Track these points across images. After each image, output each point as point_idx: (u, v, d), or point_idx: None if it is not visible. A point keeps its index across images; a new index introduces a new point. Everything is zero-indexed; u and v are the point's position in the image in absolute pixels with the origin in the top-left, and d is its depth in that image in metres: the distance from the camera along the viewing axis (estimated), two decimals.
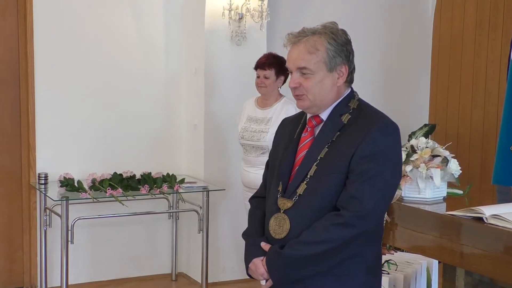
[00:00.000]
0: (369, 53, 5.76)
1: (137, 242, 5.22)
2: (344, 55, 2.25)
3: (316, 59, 2.22)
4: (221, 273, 5.15)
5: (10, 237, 4.91)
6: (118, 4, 5.03)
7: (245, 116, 4.41)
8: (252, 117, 4.36)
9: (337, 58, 2.23)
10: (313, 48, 2.22)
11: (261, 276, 2.29)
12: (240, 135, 4.37)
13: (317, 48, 2.21)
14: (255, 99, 4.46)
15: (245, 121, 4.39)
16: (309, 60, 2.22)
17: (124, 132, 5.12)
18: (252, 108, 4.42)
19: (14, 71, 4.83)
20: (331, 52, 2.22)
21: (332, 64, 2.23)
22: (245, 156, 4.35)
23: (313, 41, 2.22)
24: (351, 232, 2.14)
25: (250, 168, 4.28)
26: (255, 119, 4.34)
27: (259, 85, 4.31)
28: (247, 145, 4.31)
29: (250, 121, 4.35)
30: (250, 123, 4.34)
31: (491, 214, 2.37)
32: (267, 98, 4.33)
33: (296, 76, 2.26)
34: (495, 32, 5.49)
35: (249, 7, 4.90)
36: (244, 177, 4.34)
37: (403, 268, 3.07)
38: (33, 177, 4.82)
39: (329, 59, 2.22)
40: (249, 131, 4.30)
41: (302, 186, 2.23)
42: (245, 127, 4.34)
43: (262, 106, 4.37)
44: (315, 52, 2.21)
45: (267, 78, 4.26)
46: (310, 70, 2.22)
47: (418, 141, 2.89)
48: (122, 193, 4.46)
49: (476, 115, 5.66)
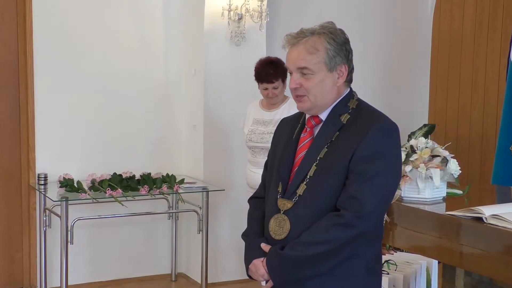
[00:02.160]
0: (369, 53, 5.76)
1: (137, 243, 5.22)
2: (344, 54, 2.25)
3: (317, 59, 2.22)
4: (221, 274, 5.15)
5: (9, 237, 4.91)
6: (117, 5, 5.04)
7: (251, 119, 4.39)
8: (259, 119, 4.34)
9: (337, 57, 2.23)
10: (313, 49, 2.21)
11: (261, 277, 2.29)
12: (248, 137, 4.34)
13: (317, 48, 2.21)
14: (259, 102, 4.44)
15: (252, 124, 4.36)
16: (310, 60, 2.22)
17: (124, 132, 5.12)
18: (258, 110, 4.40)
19: (13, 72, 4.83)
20: (331, 52, 2.22)
21: (332, 64, 2.23)
22: (253, 158, 4.34)
23: (312, 42, 2.22)
24: (351, 233, 2.14)
25: (258, 169, 4.24)
26: (262, 121, 4.34)
27: (269, 96, 4.27)
28: (255, 147, 4.30)
29: (257, 123, 4.33)
30: (257, 126, 4.32)
31: (490, 214, 2.37)
32: (274, 101, 4.32)
33: (296, 76, 2.26)
34: (495, 32, 5.49)
35: (248, 7, 4.90)
36: (251, 178, 4.33)
37: (402, 268, 3.06)
38: (33, 177, 4.82)
39: (329, 59, 2.22)
40: (257, 134, 4.29)
41: (302, 186, 2.23)
42: (252, 130, 4.32)
43: (268, 108, 4.35)
44: (315, 53, 2.21)
45: (276, 88, 4.23)
46: (311, 71, 2.22)
47: (418, 141, 2.89)
48: (122, 193, 4.46)
49: (475, 115, 5.66)
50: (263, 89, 4.29)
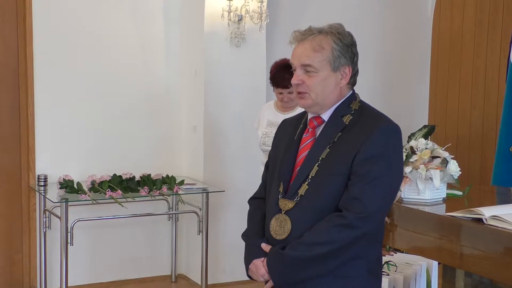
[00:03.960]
0: (369, 53, 5.75)
1: (137, 244, 5.22)
2: (349, 56, 2.26)
3: (321, 58, 2.22)
4: (221, 275, 5.15)
5: (9, 239, 4.91)
6: (117, 6, 5.04)
7: (265, 122, 4.36)
8: (273, 122, 4.27)
9: (342, 58, 2.24)
10: (318, 47, 2.22)
11: (261, 277, 2.29)
12: (262, 141, 4.31)
13: (323, 46, 2.22)
14: (273, 103, 4.42)
15: (266, 126, 4.33)
16: (314, 58, 2.22)
17: (124, 133, 5.11)
18: (272, 112, 4.36)
19: (13, 73, 4.83)
20: (336, 52, 2.23)
21: (337, 64, 2.23)
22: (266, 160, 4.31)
23: (319, 40, 2.23)
24: (353, 234, 2.14)
25: None
26: (276, 124, 4.29)
27: (284, 101, 4.24)
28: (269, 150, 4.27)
29: (272, 126, 4.26)
30: (272, 128, 4.26)
31: (490, 215, 2.37)
32: (289, 105, 4.27)
33: (299, 73, 2.26)
34: (495, 33, 5.49)
35: (248, 8, 4.90)
36: None
37: (402, 269, 3.06)
38: (33, 179, 4.82)
39: (333, 58, 2.23)
40: (271, 137, 4.26)
41: (304, 186, 2.23)
42: (266, 133, 4.28)
43: (283, 110, 4.30)
44: (321, 51, 2.22)
45: (291, 93, 4.13)
46: (314, 68, 2.23)
47: (418, 142, 2.89)
48: (122, 194, 4.46)
49: (475, 116, 5.66)
50: (278, 93, 4.25)
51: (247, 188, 4.41)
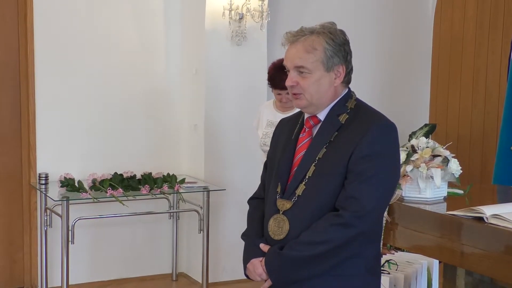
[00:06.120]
0: (369, 53, 5.76)
1: (138, 242, 5.22)
2: (342, 55, 2.25)
3: (314, 58, 2.22)
4: (222, 273, 5.15)
5: (10, 237, 4.92)
6: (118, 5, 5.04)
7: (264, 121, 4.34)
8: (273, 122, 4.23)
9: (335, 58, 2.23)
10: (311, 47, 2.22)
11: (259, 276, 2.29)
12: (262, 141, 4.30)
13: (315, 47, 2.22)
14: (273, 102, 4.41)
15: (266, 127, 4.32)
16: (307, 59, 2.22)
17: (125, 132, 5.12)
18: (271, 112, 4.35)
19: (14, 71, 4.83)
20: (329, 52, 2.22)
21: (330, 64, 2.23)
22: None
23: (311, 40, 2.22)
24: (350, 232, 2.14)
25: None
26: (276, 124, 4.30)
27: (283, 101, 4.23)
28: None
29: (272, 126, 4.23)
30: (272, 128, 4.23)
31: (491, 214, 2.37)
32: (288, 105, 4.26)
33: (293, 74, 2.26)
34: (495, 32, 5.49)
35: (249, 7, 4.90)
36: None
37: (403, 268, 3.07)
38: (34, 177, 4.82)
39: (326, 58, 2.22)
40: (271, 137, 4.26)
41: (301, 187, 2.23)
42: (266, 133, 4.25)
43: (282, 110, 4.29)
44: (313, 52, 2.22)
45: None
46: (308, 69, 2.23)
47: (419, 141, 2.89)
48: (123, 193, 4.46)
49: (476, 115, 5.66)
50: (277, 94, 4.25)
51: (248, 187, 4.41)
